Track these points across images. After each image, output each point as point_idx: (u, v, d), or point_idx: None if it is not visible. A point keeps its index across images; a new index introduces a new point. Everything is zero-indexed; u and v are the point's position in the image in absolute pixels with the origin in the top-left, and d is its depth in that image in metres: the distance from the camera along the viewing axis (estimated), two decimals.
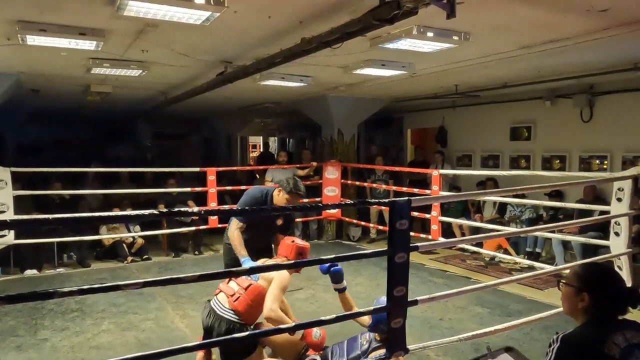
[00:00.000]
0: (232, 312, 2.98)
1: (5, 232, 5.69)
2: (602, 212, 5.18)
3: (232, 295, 3.02)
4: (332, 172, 8.00)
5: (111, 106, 9.25)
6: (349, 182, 8.19)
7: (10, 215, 5.56)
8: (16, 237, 5.83)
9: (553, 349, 1.74)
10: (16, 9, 3.43)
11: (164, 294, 5.17)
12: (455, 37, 3.95)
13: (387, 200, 2.76)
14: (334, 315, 2.67)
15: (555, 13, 3.51)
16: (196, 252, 7.32)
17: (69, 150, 11.59)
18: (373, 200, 3.41)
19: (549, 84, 6.47)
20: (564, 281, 1.92)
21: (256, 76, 5.55)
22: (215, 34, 3.98)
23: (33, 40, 3.97)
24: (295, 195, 3.61)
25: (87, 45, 4.18)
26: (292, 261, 3.04)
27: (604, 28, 3.83)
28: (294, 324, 2.63)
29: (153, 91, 7.45)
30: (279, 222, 3.74)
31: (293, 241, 3.24)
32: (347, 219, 8.24)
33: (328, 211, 8.01)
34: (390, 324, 2.74)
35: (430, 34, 3.83)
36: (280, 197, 3.62)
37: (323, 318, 2.61)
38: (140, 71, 5.36)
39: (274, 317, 2.84)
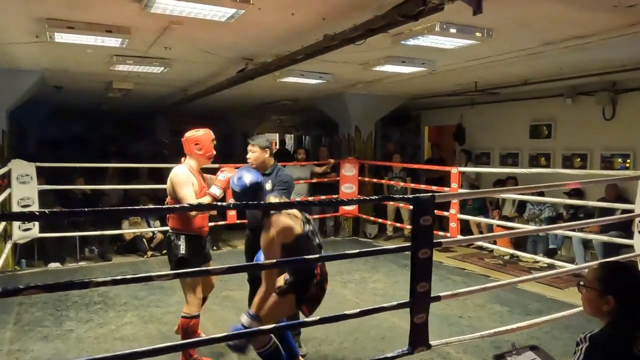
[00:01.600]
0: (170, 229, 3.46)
1: (31, 225, 5.83)
2: (624, 211, 5.12)
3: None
4: (349, 169, 8.01)
5: (131, 103, 9.38)
6: (366, 179, 8.19)
7: (35, 209, 5.69)
8: (40, 231, 5.98)
9: (582, 348, 1.73)
10: (46, 6, 3.50)
11: None
12: (478, 34, 3.93)
13: (411, 196, 2.77)
14: (357, 310, 2.71)
15: (582, 9, 3.47)
16: (214, 248, 7.39)
17: (88, 146, 11.79)
18: (397, 196, 3.38)
19: (571, 81, 6.37)
20: (582, 283, 1.90)
21: (276, 73, 5.58)
22: (238, 31, 4.02)
23: (61, 37, 4.05)
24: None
25: (113, 42, 4.25)
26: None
27: (631, 24, 3.77)
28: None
29: (173, 88, 7.53)
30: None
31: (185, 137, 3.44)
32: (364, 216, 8.25)
33: (345, 208, 8.03)
34: (413, 320, 2.76)
35: (453, 30, 3.81)
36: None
37: (347, 312, 2.64)
38: (163, 68, 5.43)
39: (189, 202, 3.16)
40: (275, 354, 2.96)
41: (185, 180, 3.23)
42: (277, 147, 13.50)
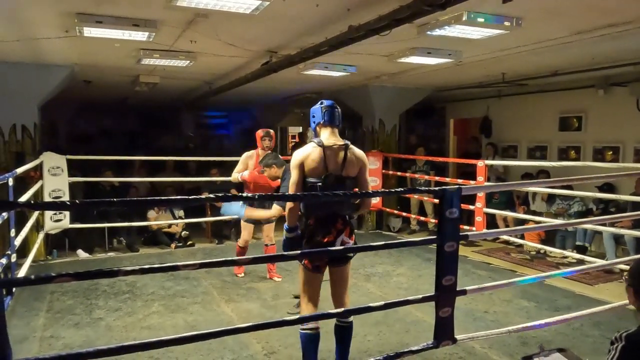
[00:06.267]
0: None
1: (62, 216, 6.00)
2: None
3: None
4: (373, 163, 7.96)
5: (157, 96, 9.52)
6: (390, 172, 8.13)
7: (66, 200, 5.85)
8: (71, 222, 6.15)
9: (617, 347, 1.68)
10: (75, 1, 3.57)
11: (210, 279, 5.31)
12: (507, 23, 3.83)
13: (437, 188, 2.73)
14: (382, 302, 2.69)
15: None
16: (238, 240, 7.46)
17: (116, 139, 12.03)
18: (423, 188, 3.34)
19: (603, 71, 6.18)
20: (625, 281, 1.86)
21: (300, 65, 5.57)
22: (262, 23, 4.02)
23: (90, 32, 4.13)
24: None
25: (140, 36, 4.31)
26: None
27: None
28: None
29: (198, 81, 7.61)
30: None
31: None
32: (387, 209, 8.20)
33: None
34: (438, 313, 2.74)
35: (480, 20, 3.73)
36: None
37: (372, 305, 2.63)
38: (188, 61, 5.48)
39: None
40: (311, 342, 2.94)
41: (241, 158, 5.19)
42: (298, 139, 13.55)
